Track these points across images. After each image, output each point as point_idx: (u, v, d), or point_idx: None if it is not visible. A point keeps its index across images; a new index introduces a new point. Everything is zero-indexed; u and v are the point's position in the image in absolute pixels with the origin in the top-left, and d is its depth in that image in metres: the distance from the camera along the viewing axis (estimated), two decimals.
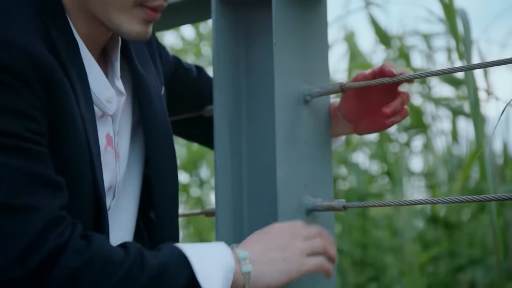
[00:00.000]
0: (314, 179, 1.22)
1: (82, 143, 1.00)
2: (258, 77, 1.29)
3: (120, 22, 1.04)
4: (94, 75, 1.06)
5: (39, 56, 0.96)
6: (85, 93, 1.03)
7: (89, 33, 1.07)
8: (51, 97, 0.97)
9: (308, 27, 1.24)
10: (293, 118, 1.20)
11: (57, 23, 1.02)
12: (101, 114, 1.08)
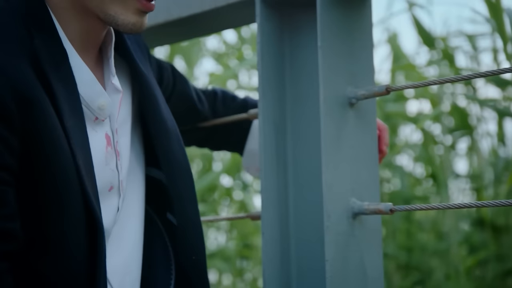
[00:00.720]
0: (360, 182, 1.21)
1: (66, 159, 0.97)
2: (303, 80, 1.29)
3: (115, 13, 1.02)
4: (86, 81, 1.03)
5: (14, 75, 0.93)
6: (73, 102, 1.00)
7: (83, 33, 1.04)
8: (27, 117, 0.93)
9: (353, 29, 1.24)
10: (339, 121, 1.19)
11: (43, 31, 0.99)
12: (95, 117, 1.06)
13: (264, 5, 1.26)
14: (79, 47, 1.04)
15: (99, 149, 1.05)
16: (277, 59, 1.29)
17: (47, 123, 0.95)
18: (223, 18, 1.40)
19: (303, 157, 1.28)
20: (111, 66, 1.09)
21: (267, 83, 1.26)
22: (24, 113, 0.93)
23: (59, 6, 1.02)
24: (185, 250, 1.12)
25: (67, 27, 1.03)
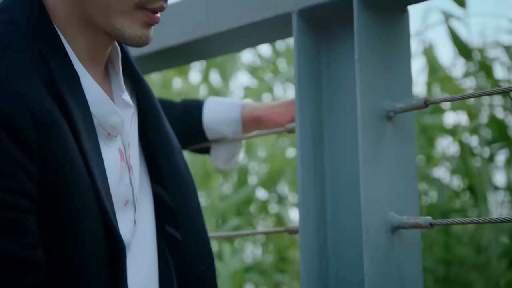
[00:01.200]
0: (399, 196, 1.20)
1: (84, 182, 0.96)
2: (340, 93, 1.29)
3: (121, 26, 1.01)
4: (97, 100, 1.02)
5: (32, 100, 0.92)
6: (88, 122, 0.99)
7: (90, 49, 1.04)
8: (45, 143, 0.92)
9: (391, 42, 1.23)
10: (376, 134, 1.19)
11: (55, 53, 0.99)
12: (108, 133, 1.05)
13: (300, 19, 1.27)
14: (87, 63, 1.04)
15: (114, 164, 1.05)
16: (314, 73, 1.29)
17: (65, 147, 0.95)
18: (260, 32, 1.41)
19: (341, 171, 1.27)
20: (121, 82, 1.09)
21: (304, 97, 1.27)
22: (42, 139, 0.93)
23: (65, 23, 1.02)
24: (192, 262, 1.13)
25: (74, 43, 1.03)
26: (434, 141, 3.14)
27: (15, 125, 0.90)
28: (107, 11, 1.00)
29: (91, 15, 1.01)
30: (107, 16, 1.01)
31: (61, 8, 1.02)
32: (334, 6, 1.24)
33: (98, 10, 1.00)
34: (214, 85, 3.84)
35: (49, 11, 1.02)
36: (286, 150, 3.54)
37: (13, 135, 0.90)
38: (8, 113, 0.90)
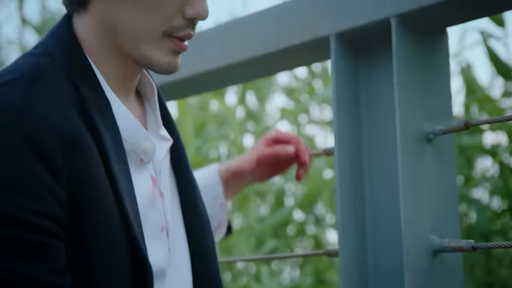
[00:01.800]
0: (440, 218, 1.19)
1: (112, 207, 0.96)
2: (378, 115, 1.28)
3: (150, 54, 1.02)
4: (129, 126, 1.04)
5: (63, 127, 0.93)
6: (118, 147, 1.00)
7: (120, 76, 1.05)
8: (74, 168, 0.93)
9: (430, 64, 1.23)
10: (416, 157, 1.18)
11: (86, 80, 1.01)
12: (140, 159, 1.06)
13: (338, 42, 1.27)
14: (118, 91, 1.06)
15: (146, 190, 1.05)
16: (352, 95, 1.29)
17: (93, 170, 0.96)
18: (297, 56, 1.42)
19: (380, 193, 1.27)
20: (158, 118, 1.11)
21: (342, 120, 1.27)
22: (70, 164, 0.93)
23: (96, 52, 1.04)
24: None
25: (105, 71, 1.05)
26: (473, 162, 3.10)
27: (44, 150, 0.91)
28: (136, 39, 1.02)
29: (121, 43, 1.03)
30: (136, 44, 1.02)
31: (92, 38, 1.04)
32: (372, 28, 1.24)
33: (127, 39, 1.02)
34: (251, 107, 3.85)
35: (81, 42, 1.04)
36: (323, 171, 3.54)
37: (43, 159, 0.91)
38: (37, 138, 0.91)
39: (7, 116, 0.91)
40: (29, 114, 0.92)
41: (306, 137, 3.69)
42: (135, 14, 1.01)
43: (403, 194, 1.15)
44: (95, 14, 1.03)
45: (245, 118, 3.85)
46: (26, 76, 0.97)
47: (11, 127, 0.91)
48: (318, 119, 3.81)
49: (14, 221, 0.90)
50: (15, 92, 0.94)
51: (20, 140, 0.90)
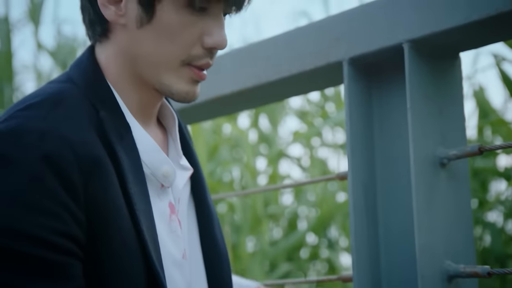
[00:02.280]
0: (455, 243, 1.19)
1: (128, 228, 0.98)
2: (392, 140, 1.28)
3: (169, 82, 1.04)
4: (149, 149, 1.05)
5: (81, 148, 0.95)
6: (137, 170, 1.02)
7: (141, 103, 1.08)
8: (92, 189, 0.95)
9: (443, 88, 1.23)
10: (430, 182, 1.18)
11: (106, 105, 1.03)
12: (161, 185, 1.08)
13: (351, 67, 1.28)
14: (139, 117, 1.08)
15: (164, 216, 1.07)
16: (365, 120, 1.29)
17: (110, 192, 0.98)
18: (310, 81, 1.42)
19: (394, 218, 1.26)
20: (178, 148, 1.13)
21: (356, 145, 1.27)
22: (88, 184, 0.96)
23: (117, 79, 1.07)
24: None
25: (126, 98, 1.07)
26: (488, 185, 3.09)
27: (64, 170, 0.94)
28: (156, 68, 1.04)
29: (140, 72, 1.06)
30: (156, 73, 1.05)
31: (113, 66, 1.07)
32: (384, 54, 1.24)
33: (147, 67, 1.05)
34: (263, 130, 3.86)
35: (103, 70, 1.07)
36: (336, 194, 3.53)
37: (62, 179, 0.93)
38: (57, 158, 0.94)
39: (29, 137, 0.94)
40: (49, 135, 0.94)
41: (319, 160, 3.69)
42: (155, 43, 1.03)
43: (417, 219, 1.15)
44: (116, 43, 1.06)
45: (258, 141, 3.85)
46: (48, 100, 1.00)
47: (32, 147, 0.93)
48: (331, 142, 3.81)
49: (34, 239, 0.92)
50: (37, 115, 0.97)
51: (40, 159, 0.93)
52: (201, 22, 1.03)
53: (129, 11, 1.03)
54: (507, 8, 1.06)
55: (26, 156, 0.93)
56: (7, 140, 0.94)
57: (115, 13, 1.03)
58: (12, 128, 0.95)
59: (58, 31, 4.43)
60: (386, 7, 1.22)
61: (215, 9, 1.03)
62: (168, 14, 1.01)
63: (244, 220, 3.34)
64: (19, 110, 0.98)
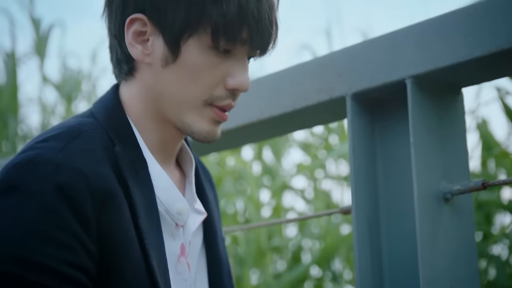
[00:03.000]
0: (459, 278, 1.18)
1: (139, 262, 0.99)
2: (395, 174, 1.29)
3: (191, 121, 1.06)
4: (164, 186, 1.07)
5: (96, 180, 0.97)
6: (150, 205, 1.03)
7: (160, 141, 1.10)
8: (104, 221, 0.97)
9: (446, 123, 1.24)
10: (434, 217, 1.18)
11: (123, 140, 1.06)
12: (175, 224, 1.09)
13: (354, 102, 1.29)
14: (157, 155, 1.10)
15: (173, 257, 1.08)
16: (368, 154, 1.30)
17: (121, 225, 0.99)
18: (314, 115, 1.43)
19: (398, 253, 1.26)
20: (193, 192, 1.15)
21: (359, 179, 1.27)
22: (100, 217, 0.97)
23: (139, 117, 1.09)
24: None
25: (146, 135, 1.09)
26: (492, 218, 3.08)
27: (77, 201, 0.95)
28: (179, 106, 1.06)
29: (163, 109, 1.08)
30: (178, 112, 1.07)
31: (136, 104, 1.09)
32: (387, 89, 1.25)
33: (170, 105, 1.07)
34: (267, 162, 3.87)
35: (126, 107, 1.10)
36: (340, 227, 3.52)
37: (74, 210, 0.95)
38: (70, 189, 0.96)
39: (45, 168, 0.96)
40: (65, 166, 0.96)
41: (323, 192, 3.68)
42: (178, 82, 1.05)
43: (422, 253, 1.15)
44: (141, 82, 1.08)
45: (262, 173, 3.86)
46: (67, 132, 1.02)
47: (47, 178, 0.95)
48: (334, 174, 3.81)
49: (45, 269, 0.93)
50: (54, 146, 0.99)
51: (54, 190, 0.95)
52: (225, 64, 1.05)
53: (156, 50, 1.05)
54: (508, 45, 1.07)
55: (40, 186, 0.95)
56: (23, 170, 0.96)
57: (141, 52, 1.06)
58: (29, 159, 0.97)
59: (63, 64, 4.47)
60: (389, 43, 1.24)
61: (239, 51, 1.05)
62: (193, 55, 1.04)
63: (248, 253, 3.33)
64: (38, 141, 1.01)
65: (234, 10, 1.01)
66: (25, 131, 4.30)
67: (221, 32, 1.02)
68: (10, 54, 4.08)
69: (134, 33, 1.06)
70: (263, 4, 1.03)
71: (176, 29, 1.03)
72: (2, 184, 0.96)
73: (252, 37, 1.04)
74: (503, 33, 1.09)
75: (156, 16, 1.04)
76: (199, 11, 1.02)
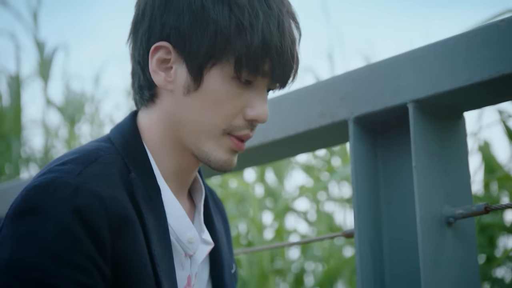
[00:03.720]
0: None
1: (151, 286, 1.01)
2: (398, 198, 1.29)
3: (208, 149, 1.08)
4: (176, 214, 1.09)
5: (112, 205, 0.99)
6: (162, 232, 1.05)
7: (176, 168, 1.11)
8: (119, 245, 0.99)
9: (448, 147, 1.25)
10: (437, 241, 1.18)
11: (139, 166, 1.07)
12: (184, 253, 1.10)
13: (357, 126, 1.29)
14: (171, 182, 1.12)
15: (180, 286, 1.09)
16: (371, 178, 1.30)
17: (136, 250, 1.01)
18: (316, 139, 1.44)
19: (401, 277, 1.26)
20: (201, 222, 1.16)
21: (362, 202, 1.28)
22: (116, 241, 0.99)
23: (156, 143, 1.11)
24: None
25: (163, 162, 1.11)
26: (495, 240, 3.07)
27: (93, 224, 0.97)
28: (197, 134, 1.08)
29: (182, 137, 1.10)
30: (197, 139, 1.08)
31: (155, 131, 1.11)
32: (389, 113, 1.26)
33: (189, 133, 1.09)
34: (270, 184, 3.87)
35: (144, 134, 1.12)
36: (343, 249, 3.51)
37: (91, 233, 0.97)
38: (87, 212, 0.97)
39: (63, 191, 0.98)
40: (82, 190, 0.98)
41: (326, 215, 3.68)
42: (199, 111, 1.07)
43: (424, 278, 1.15)
44: (161, 108, 1.10)
45: (264, 195, 3.85)
46: (84, 156, 1.04)
47: (64, 201, 0.97)
48: (337, 196, 3.80)
49: None
50: (72, 170, 1.01)
51: (72, 213, 0.96)
52: (245, 95, 1.07)
53: (178, 78, 1.07)
54: (508, 70, 1.08)
55: (58, 209, 0.97)
56: (42, 193, 0.98)
57: (164, 79, 1.08)
58: (48, 182, 0.99)
59: (67, 86, 4.49)
60: (391, 68, 1.25)
61: (260, 83, 1.07)
62: (214, 84, 1.06)
63: (251, 275, 3.32)
64: (57, 165, 1.03)
65: (257, 42, 1.04)
66: (28, 154, 4.31)
67: (244, 63, 1.04)
68: (14, 76, 4.10)
69: (158, 60, 1.08)
70: (286, 38, 1.05)
71: (200, 58, 1.05)
72: (22, 206, 0.98)
73: (273, 70, 1.06)
74: (503, 58, 1.09)
75: (181, 44, 1.06)
76: (224, 41, 1.04)
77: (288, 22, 1.07)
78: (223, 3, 1.05)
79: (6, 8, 4.13)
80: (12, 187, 1.99)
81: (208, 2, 1.05)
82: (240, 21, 1.03)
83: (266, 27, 1.04)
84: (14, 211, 0.98)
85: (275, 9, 1.06)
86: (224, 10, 1.04)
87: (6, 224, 0.99)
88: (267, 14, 1.05)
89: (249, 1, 1.05)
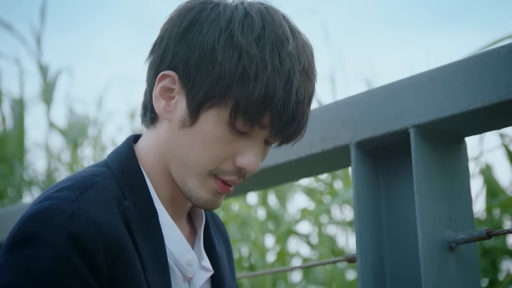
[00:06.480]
0: None
1: None
2: (400, 223, 1.29)
3: (192, 186, 1.08)
4: (174, 237, 1.09)
5: (107, 231, 1.00)
6: (159, 257, 1.05)
7: (171, 196, 1.12)
8: (115, 271, 1.00)
9: (449, 172, 1.25)
10: (439, 266, 1.18)
11: (135, 191, 1.08)
12: (183, 277, 1.10)
13: (358, 150, 1.30)
14: (169, 207, 1.12)
15: None
16: (373, 202, 1.31)
17: (132, 276, 1.01)
18: (318, 164, 1.45)
19: None
20: (201, 249, 1.16)
21: (364, 227, 1.28)
22: (112, 266, 1.00)
23: (152, 170, 1.12)
24: None
25: (159, 187, 1.11)
26: (498, 264, 3.06)
27: (88, 250, 0.98)
28: (184, 169, 1.08)
29: (170, 168, 1.10)
30: (182, 174, 1.09)
31: (151, 156, 1.12)
32: (391, 138, 1.27)
33: (176, 166, 1.09)
34: (272, 207, 3.86)
35: (141, 157, 1.12)
36: (345, 272, 3.50)
37: (86, 259, 0.98)
38: (83, 238, 0.98)
39: (58, 217, 0.99)
40: (78, 216, 0.99)
41: (328, 237, 3.67)
42: (189, 147, 1.07)
43: None
44: (159, 134, 1.11)
45: (266, 218, 3.85)
46: (80, 182, 1.05)
47: (60, 227, 0.98)
48: (339, 219, 3.80)
49: None
50: (68, 196, 1.02)
51: (67, 239, 0.97)
52: (239, 142, 1.06)
53: (177, 110, 1.08)
54: (509, 96, 1.09)
55: (54, 235, 0.98)
56: (38, 221, 0.99)
57: (164, 108, 1.09)
58: (43, 210, 1.00)
59: (70, 109, 4.50)
60: (392, 93, 1.25)
61: (257, 134, 1.06)
62: (208, 125, 1.05)
63: None
64: (52, 192, 1.04)
65: (258, 94, 1.02)
66: (31, 177, 4.31)
67: (241, 112, 1.03)
68: (17, 100, 4.11)
69: (162, 87, 1.08)
70: (291, 96, 1.04)
71: (200, 96, 1.05)
72: (19, 235, 0.99)
73: (272, 125, 1.05)
74: (504, 84, 1.10)
75: (186, 78, 1.07)
76: (225, 86, 1.03)
77: (300, 81, 1.05)
78: (234, 49, 1.03)
79: (10, 32, 4.15)
80: (15, 211, 2.00)
81: (220, 45, 1.04)
82: (246, 71, 1.03)
83: (271, 82, 1.02)
84: (12, 240, 1.00)
85: (287, 66, 1.04)
86: (233, 57, 1.03)
87: (4, 253, 1.00)
88: (276, 69, 1.03)
89: (261, 53, 1.03)
